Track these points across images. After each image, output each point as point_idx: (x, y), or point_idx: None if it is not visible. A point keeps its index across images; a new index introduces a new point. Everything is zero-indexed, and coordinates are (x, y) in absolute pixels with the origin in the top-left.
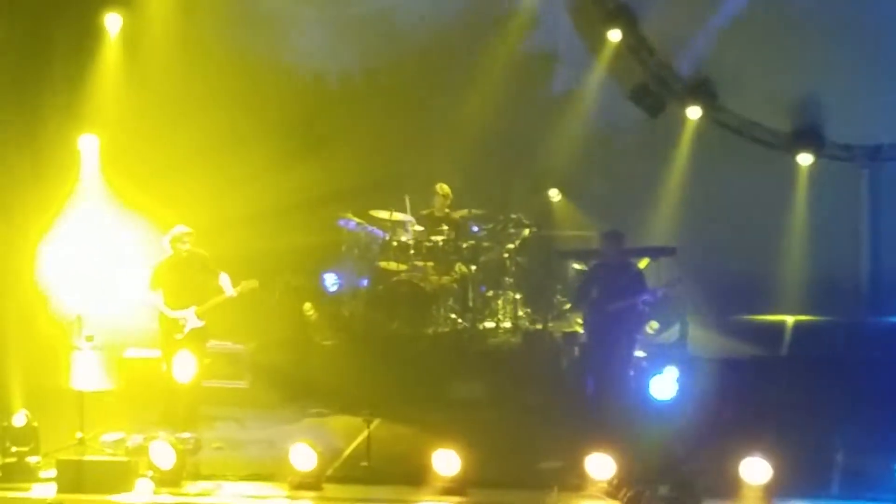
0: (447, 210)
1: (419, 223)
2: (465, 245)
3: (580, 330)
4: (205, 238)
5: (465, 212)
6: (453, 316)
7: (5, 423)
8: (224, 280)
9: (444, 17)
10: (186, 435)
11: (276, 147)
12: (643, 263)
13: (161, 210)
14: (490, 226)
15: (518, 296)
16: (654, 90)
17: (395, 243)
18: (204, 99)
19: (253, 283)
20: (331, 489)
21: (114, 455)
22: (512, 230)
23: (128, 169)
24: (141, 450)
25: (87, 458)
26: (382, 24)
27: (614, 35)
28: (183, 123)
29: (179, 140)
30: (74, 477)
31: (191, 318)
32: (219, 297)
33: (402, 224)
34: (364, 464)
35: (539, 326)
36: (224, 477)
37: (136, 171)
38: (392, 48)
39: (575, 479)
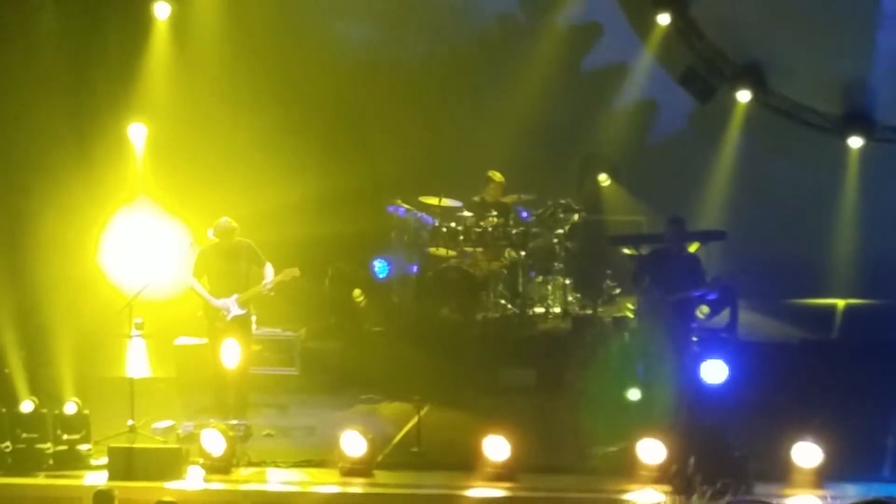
0: (500, 198)
1: (470, 209)
2: (514, 231)
3: (630, 315)
4: (256, 226)
5: (514, 197)
6: (503, 302)
7: (56, 412)
8: (269, 270)
9: (494, 8)
10: (237, 422)
11: (327, 135)
12: (693, 247)
13: (210, 198)
14: (539, 211)
15: (568, 281)
16: (703, 74)
17: (444, 229)
18: (253, 87)
19: (294, 272)
20: (381, 475)
21: (164, 442)
22: (561, 215)
23: (176, 157)
24: (191, 437)
25: (137, 445)
26: (433, 13)
27: (663, 19)
28: (232, 111)
29: (228, 128)
30: (125, 464)
31: (233, 306)
32: (259, 286)
33: (451, 210)
34: (414, 450)
35: (589, 311)
36: (274, 464)
37: (185, 159)
38: (442, 37)
39: (626, 465)
